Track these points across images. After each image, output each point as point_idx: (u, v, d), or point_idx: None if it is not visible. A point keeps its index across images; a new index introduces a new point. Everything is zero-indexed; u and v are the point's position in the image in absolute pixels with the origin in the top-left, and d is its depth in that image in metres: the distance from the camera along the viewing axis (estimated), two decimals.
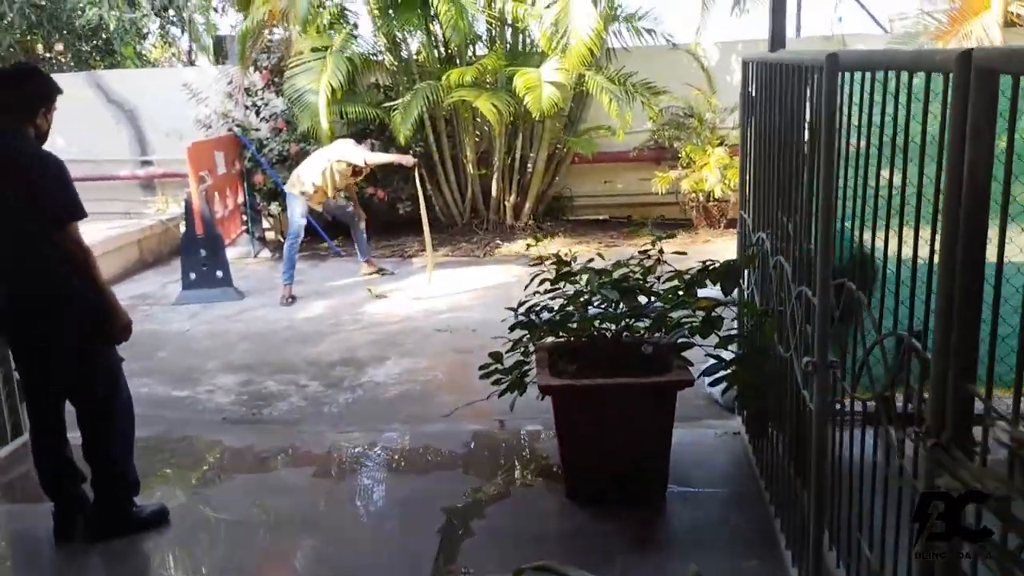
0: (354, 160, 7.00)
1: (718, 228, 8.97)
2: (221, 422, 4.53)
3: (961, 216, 1.55)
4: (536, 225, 9.37)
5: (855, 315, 2.16)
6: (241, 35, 8.66)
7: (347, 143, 7.30)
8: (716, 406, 4.27)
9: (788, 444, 2.78)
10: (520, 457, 3.91)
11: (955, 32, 8.38)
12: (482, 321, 5.90)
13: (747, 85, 3.51)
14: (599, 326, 3.49)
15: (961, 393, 1.61)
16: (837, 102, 2.12)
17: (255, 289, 7.41)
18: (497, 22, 8.83)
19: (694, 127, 9.02)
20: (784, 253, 2.74)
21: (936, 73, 1.70)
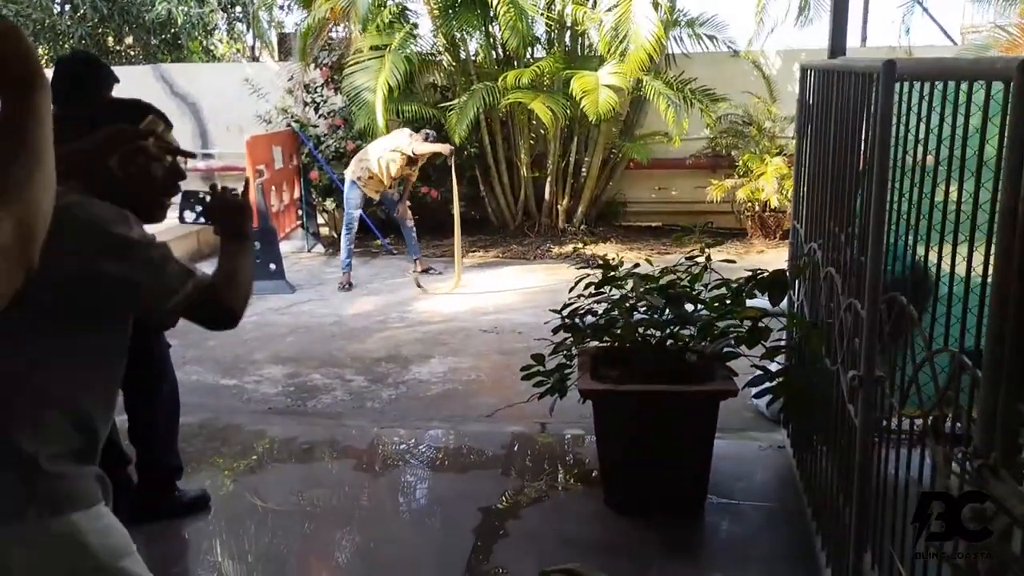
0: (403, 149, 7.14)
1: (773, 239, 8.83)
2: (266, 412, 4.60)
3: (1017, 231, 1.49)
4: (588, 230, 9.34)
5: (905, 330, 2.10)
6: (303, 32, 8.81)
7: (403, 133, 7.42)
8: (762, 418, 4.19)
9: (832, 459, 2.71)
10: (559, 461, 3.89)
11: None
12: (528, 323, 5.89)
13: (804, 92, 3.44)
14: (643, 332, 3.46)
15: (1011, 413, 1.55)
16: (893, 111, 2.06)
17: (306, 283, 7.52)
18: (556, 24, 8.82)
19: (752, 136, 8.90)
20: (835, 264, 2.68)
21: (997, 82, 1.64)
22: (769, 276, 3.19)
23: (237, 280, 1.80)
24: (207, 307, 1.73)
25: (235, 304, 1.78)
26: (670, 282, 3.47)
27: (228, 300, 1.77)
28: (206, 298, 1.71)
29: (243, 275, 1.81)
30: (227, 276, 1.79)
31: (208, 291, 1.72)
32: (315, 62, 9.22)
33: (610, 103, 7.83)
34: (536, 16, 8.41)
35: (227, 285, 1.77)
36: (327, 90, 9.24)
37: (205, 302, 1.71)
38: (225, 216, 1.88)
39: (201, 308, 1.72)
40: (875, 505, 2.30)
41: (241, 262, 1.82)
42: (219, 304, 1.75)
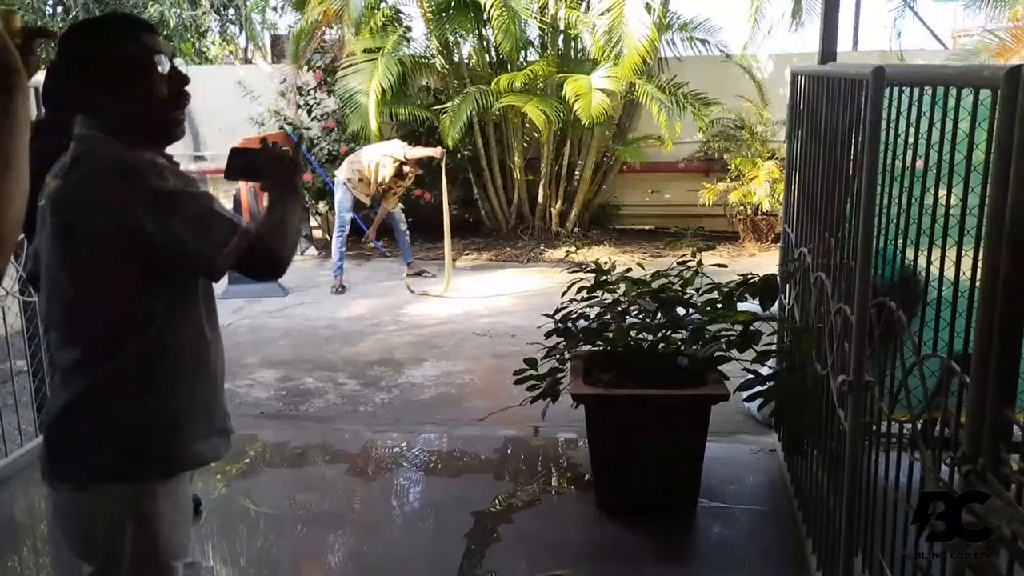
0: (395, 154, 7.20)
1: (765, 242, 8.85)
2: (259, 416, 4.59)
3: (1004, 237, 1.50)
4: (582, 233, 9.35)
5: (895, 335, 2.11)
6: (295, 35, 8.81)
7: (397, 142, 7.49)
8: (753, 421, 4.21)
9: (823, 463, 2.72)
10: (552, 465, 3.89)
11: (1019, 50, 8.17)
12: (521, 326, 5.90)
13: (795, 97, 3.46)
14: (636, 336, 3.47)
15: (999, 419, 1.56)
16: (882, 116, 2.07)
17: (299, 286, 7.51)
18: (549, 28, 8.84)
19: (745, 139, 8.93)
20: (825, 269, 2.69)
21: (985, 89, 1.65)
22: (760, 280, 3.21)
23: (285, 229, 1.79)
24: (254, 257, 1.71)
25: (283, 253, 1.77)
26: (662, 286, 3.49)
27: (276, 249, 1.75)
28: (253, 248, 1.70)
29: (291, 224, 1.81)
30: (274, 224, 1.77)
31: (255, 240, 1.71)
32: (308, 64, 9.22)
33: (603, 107, 7.84)
34: (529, 19, 8.42)
35: (274, 234, 1.76)
36: (320, 92, 9.24)
37: (252, 252, 1.70)
38: (274, 171, 1.86)
39: (248, 259, 1.71)
40: (865, 509, 2.31)
41: (290, 211, 1.81)
42: (266, 254, 1.74)
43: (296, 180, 1.88)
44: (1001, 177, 1.51)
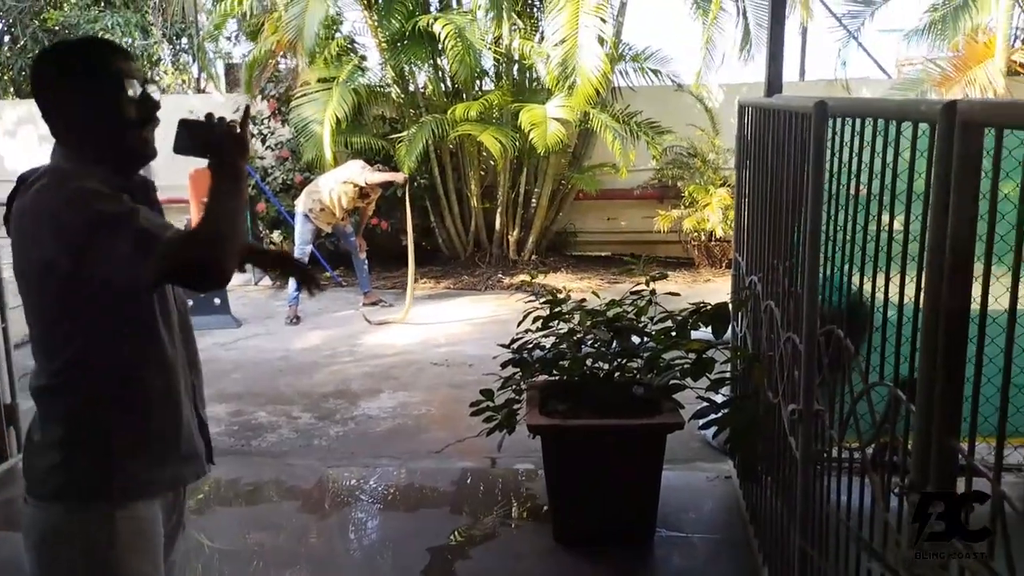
0: (355, 179, 7.09)
1: (720, 268, 8.96)
2: None
3: (944, 268, 1.53)
4: (539, 260, 9.38)
5: (843, 363, 2.13)
6: (249, 64, 8.78)
7: (355, 164, 7.38)
8: (709, 448, 4.22)
9: (777, 490, 2.73)
10: (509, 497, 3.86)
11: (959, 80, 8.43)
12: (479, 355, 5.86)
13: (743, 128, 3.51)
14: (591, 366, 3.47)
15: (944, 447, 1.58)
16: (825, 147, 2.11)
17: (253, 317, 7.40)
18: (504, 59, 8.90)
19: (697, 167, 9.06)
20: (774, 297, 2.72)
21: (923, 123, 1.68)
22: (712, 309, 3.23)
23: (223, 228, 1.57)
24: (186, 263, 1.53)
25: (220, 256, 1.55)
26: (617, 315, 3.49)
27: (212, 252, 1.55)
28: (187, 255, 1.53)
29: (234, 221, 1.60)
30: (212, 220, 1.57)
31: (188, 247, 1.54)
32: (262, 93, 9.17)
33: (558, 135, 7.91)
34: (483, 50, 8.48)
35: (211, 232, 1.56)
36: (274, 122, 9.19)
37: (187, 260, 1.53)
38: (220, 145, 1.69)
39: (185, 268, 1.54)
40: (819, 536, 2.31)
41: (238, 203, 1.64)
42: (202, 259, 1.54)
43: (241, 163, 1.70)
44: (940, 208, 1.54)
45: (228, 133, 1.72)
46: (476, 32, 8.26)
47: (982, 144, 1.50)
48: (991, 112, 1.49)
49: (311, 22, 7.78)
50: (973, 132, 1.48)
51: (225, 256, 1.56)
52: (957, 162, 1.49)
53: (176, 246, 1.54)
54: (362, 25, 9.14)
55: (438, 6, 9.15)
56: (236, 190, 1.67)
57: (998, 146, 1.46)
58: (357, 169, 7.26)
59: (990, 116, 1.47)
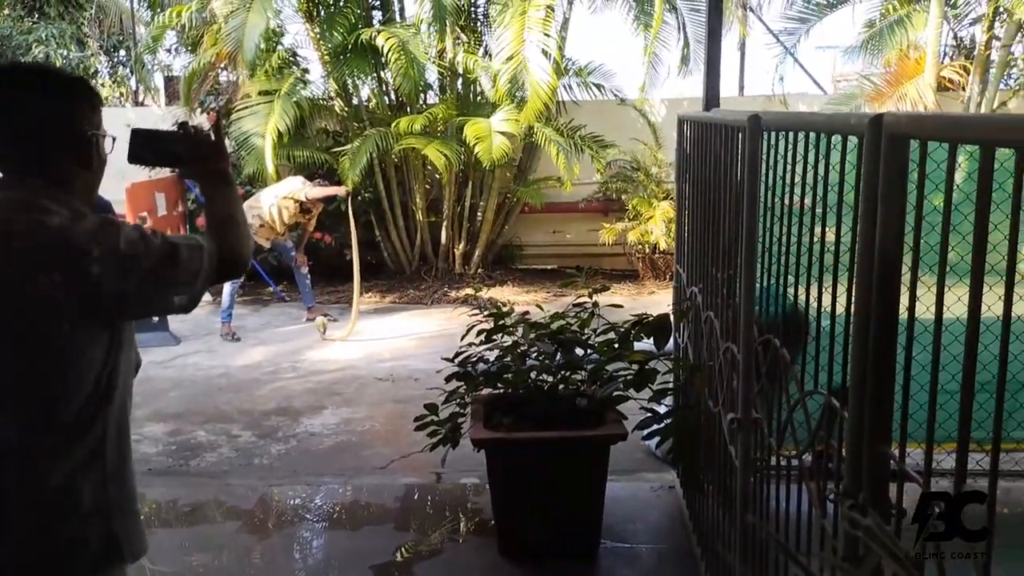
0: (296, 194, 7.03)
1: (664, 280, 9.05)
2: (146, 473, 4.36)
3: (873, 278, 1.56)
4: (485, 273, 9.37)
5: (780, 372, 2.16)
6: (188, 76, 8.62)
7: (296, 179, 7.33)
8: (653, 458, 4.24)
9: (718, 499, 2.76)
10: (454, 512, 3.82)
11: (891, 95, 8.67)
12: (425, 369, 5.83)
13: (682, 142, 3.56)
14: (536, 378, 3.46)
15: (876, 453, 1.61)
16: (759, 160, 2.14)
17: (192, 334, 7.24)
18: (448, 72, 8.91)
19: (641, 180, 9.15)
20: (714, 308, 2.75)
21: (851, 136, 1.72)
22: (653, 320, 3.25)
23: (239, 224, 1.72)
24: (222, 268, 1.67)
25: (246, 250, 1.75)
26: (560, 327, 3.50)
27: (239, 250, 1.72)
28: (222, 260, 1.65)
29: (242, 216, 1.74)
30: (229, 224, 1.70)
31: (218, 251, 1.65)
32: (201, 106, 9.02)
33: (503, 149, 7.92)
34: (427, 63, 8.46)
35: (233, 234, 1.70)
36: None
37: (222, 265, 1.66)
38: (199, 156, 1.72)
39: (220, 271, 1.67)
40: (759, 543, 2.33)
41: (231, 202, 1.73)
42: (232, 260, 1.70)
43: (224, 166, 1.76)
44: (868, 219, 1.57)
45: (197, 142, 1.73)
46: (420, 46, 8.24)
47: (908, 156, 1.53)
48: (916, 124, 1.53)
49: (251, 34, 7.68)
50: (899, 144, 1.51)
51: (251, 249, 1.79)
52: (884, 174, 1.53)
53: (222, 248, 1.67)
54: (304, 37, 9.06)
55: (381, 19, 9.11)
56: (230, 192, 1.76)
57: (923, 157, 1.49)
58: (298, 184, 7.20)
59: (915, 128, 1.50)
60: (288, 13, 8.81)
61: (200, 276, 1.61)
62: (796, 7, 9.66)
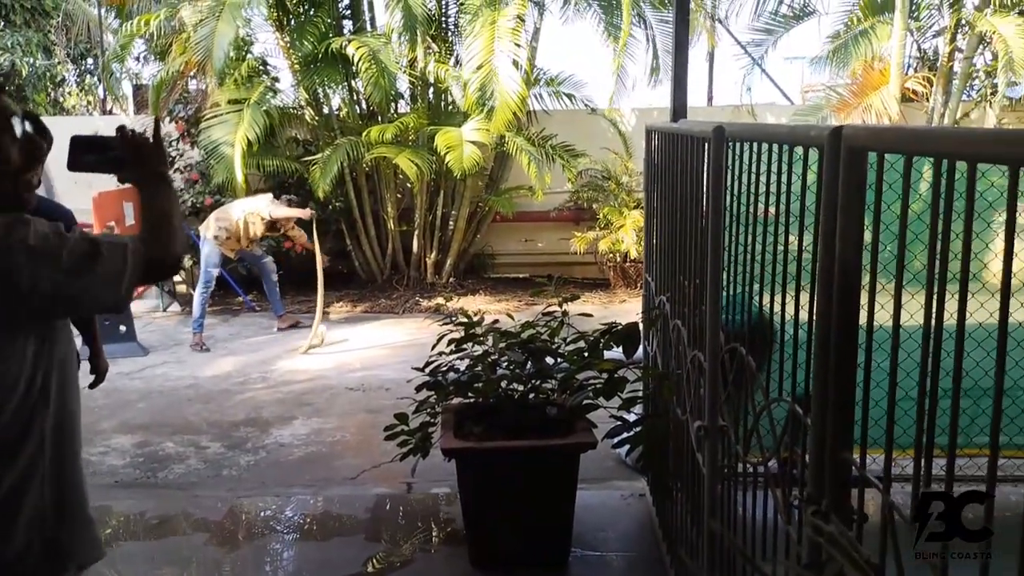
0: (261, 212, 7.08)
1: (635, 289, 9.10)
2: (113, 486, 4.31)
3: (834, 287, 1.58)
4: (457, 282, 9.37)
5: (746, 380, 2.18)
6: (156, 85, 8.55)
7: (265, 197, 7.34)
8: (624, 467, 4.26)
9: (687, 506, 2.78)
10: (425, 522, 3.81)
11: (857, 105, 8.82)
12: (396, 379, 5.81)
13: (651, 152, 3.59)
14: (506, 387, 3.47)
15: (838, 461, 1.63)
16: (724, 169, 2.17)
17: (160, 345, 7.17)
18: (419, 81, 8.91)
19: (611, 190, 9.21)
20: (682, 317, 2.77)
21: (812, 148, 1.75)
22: (623, 329, 3.28)
23: (172, 224, 1.71)
24: (152, 268, 1.66)
25: (179, 249, 1.73)
26: (531, 336, 3.51)
27: (171, 250, 1.70)
28: (149, 260, 1.63)
29: (176, 217, 1.74)
30: (161, 223, 1.69)
31: (147, 252, 1.63)
32: (170, 115, 8.95)
33: (474, 158, 7.94)
34: (398, 73, 8.47)
35: (162, 235, 1.68)
36: (183, 144, 8.97)
37: (149, 265, 1.63)
38: (140, 159, 1.73)
39: (147, 271, 1.64)
40: (726, 549, 2.36)
41: (168, 203, 1.72)
42: (161, 260, 1.68)
43: (163, 169, 1.77)
44: (828, 230, 1.60)
45: (136, 145, 1.73)
46: (390, 55, 8.25)
47: (866, 168, 1.56)
48: (874, 137, 1.56)
49: (220, 43, 7.63)
50: (858, 156, 1.54)
51: (184, 251, 1.78)
52: (843, 185, 1.56)
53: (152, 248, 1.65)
54: (274, 46, 9.03)
55: (352, 28, 9.11)
56: (167, 193, 1.75)
57: (880, 170, 1.52)
58: (264, 202, 7.26)
59: (873, 141, 1.53)
60: (258, 22, 8.78)
61: (125, 274, 1.59)
62: (763, 19, 9.80)
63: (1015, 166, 1.07)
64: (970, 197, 1.23)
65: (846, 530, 1.62)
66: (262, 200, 7.29)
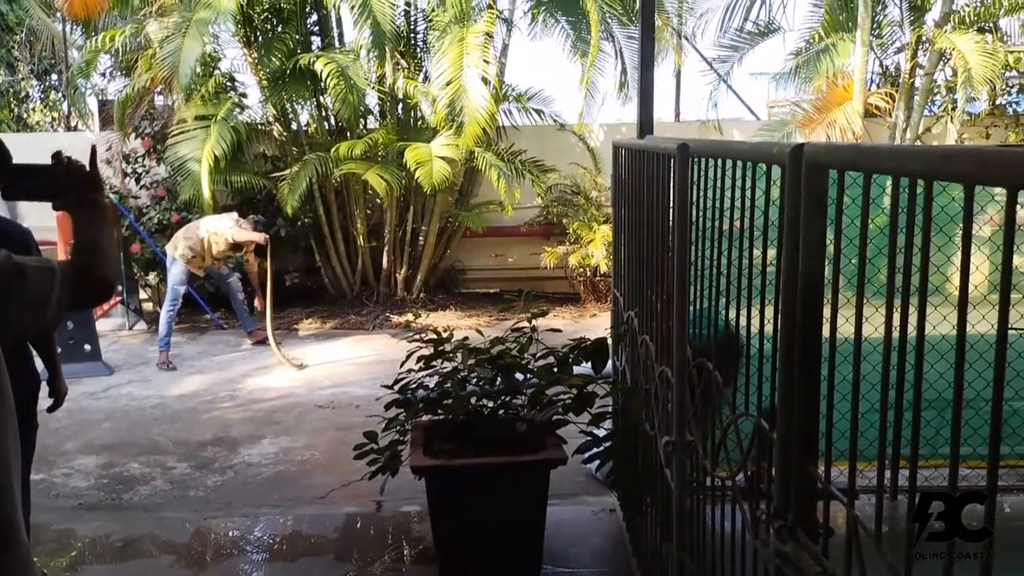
0: (224, 233, 7.09)
1: (605, 303, 9.13)
2: (77, 508, 4.23)
3: (797, 302, 1.60)
4: (427, 298, 9.34)
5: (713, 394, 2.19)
6: (121, 101, 8.47)
7: (230, 217, 7.29)
8: (594, 482, 4.26)
9: (656, 520, 2.78)
10: (396, 540, 3.78)
11: (821, 120, 8.94)
12: (366, 396, 5.77)
13: (618, 167, 3.61)
14: (476, 403, 3.46)
15: (804, 476, 1.64)
16: (689, 187, 2.19)
17: (126, 363, 7.07)
18: (388, 97, 8.91)
19: (581, 204, 9.25)
20: (650, 332, 2.79)
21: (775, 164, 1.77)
22: (592, 344, 3.28)
23: (104, 250, 1.70)
24: (83, 292, 1.64)
25: (109, 275, 1.71)
26: (500, 352, 3.50)
27: (100, 274, 1.68)
28: (78, 282, 1.61)
29: (108, 243, 1.73)
30: (93, 249, 1.68)
31: (78, 275, 1.62)
32: (136, 131, 8.86)
33: (444, 174, 7.94)
34: (367, 89, 8.46)
35: (96, 258, 1.67)
36: (149, 160, 8.88)
37: (80, 286, 1.62)
38: (74, 185, 1.71)
39: (78, 294, 1.62)
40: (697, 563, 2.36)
41: (101, 231, 1.72)
42: (93, 283, 1.67)
43: (98, 196, 1.76)
44: (791, 246, 1.62)
45: (70, 172, 1.72)
46: (359, 71, 8.24)
47: (827, 184, 1.58)
48: (834, 154, 1.58)
49: (187, 59, 7.58)
50: (818, 173, 1.57)
51: (117, 276, 1.78)
52: (804, 201, 1.58)
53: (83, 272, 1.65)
54: (242, 62, 8.99)
55: (320, 45, 9.09)
56: (100, 220, 1.74)
57: (840, 186, 1.55)
58: (229, 223, 7.23)
59: (833, 158, 1.55)
60: (225, 38, 8.74)
61: (52, 297, 1.58)
62: (729, 36, 9.92)
63: (969, 184, 1.10)
64: (927, 214, 1.25)
65: (811, 544, 1.63)
66: (227, 220, 7.25)
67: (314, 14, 9.07)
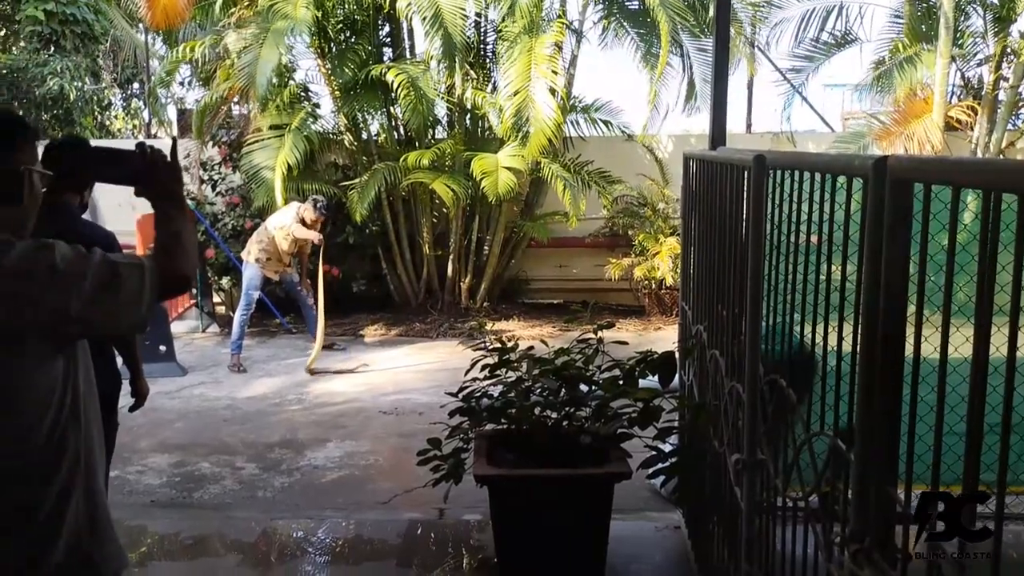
0: (287, 229, 7.22)
1: (670, 316, 9.03)
2: (149, 505, 4.35)
3: (879, 319, 1.55)
4: (491, 307, 9.36)
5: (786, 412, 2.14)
6: (200, 110, 8.72)
7: (291, 208, 7.41)
8: (658, 497, 4.20)
9: (724, 540, 2.73)
10: (457, 548, 3.79)
11: (899, 133, 8.70)
12: (429, 403, 5.81)
13: (688, 179, 3.57)
14: (540, 414, 3.45)
15: (883, 497, 1.59)
16: (764, 199, 2.15)
17: (199, 365, 7.25)
18: (456, 108, 8.99)
19: (647, 216, 9.17)
20: (720, 346, 2.74)
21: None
22: (659, 357, 3.24)
23: (183, 245, 1.75)
24: (166, 285, 1.70)
25: (189, 270, 1.78)
26: (565, 363, 3.49)
27: (182, 268, 1.75)
28: (164, 278, 1.68)
29: (187, 236, 1.78)
30: (173, 243, 1.73)
31: (162, 270, 1.68)
32: (213, 139, 9.11)
33: (509, 184, 7.96)
34: (436, 99, 8.55)
35: (176, 253, 1.73)
36: (225, 168, 9.12)
37: (164, 282, 1.68)
38: (155, 176, 1.78)
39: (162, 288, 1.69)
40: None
41: (181, 223, 1.77)
42: (174, 278, 1.73)
43: (177, 187, 1.83)
44: (873, 260, 1.57)
45: (157, 163, 1.79)
46: (429, 82, 8.33)
47: (912, 198, 1.53)
48: (919, 168, 1.53)
49: (264, 69, 7.77)
50: (903, 187, 1.52)
51: (196, 268, 1.85)
52: (888, 216, 1.53)
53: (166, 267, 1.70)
54: (316, 73, 9.18)
55: (391, 56, 9.22)
56: (179, 212, 1.80)
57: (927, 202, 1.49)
58: (290, 216, 7.32)
59: (918, 171, 1.51)
60: (300, 49, 8.93)
61: (144, 294, 1.64)
62: (804, 46, 9.75)
63: None
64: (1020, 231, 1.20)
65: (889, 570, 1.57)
66: (289, 212, 7.36)
67: (386, 26, 9.21)
